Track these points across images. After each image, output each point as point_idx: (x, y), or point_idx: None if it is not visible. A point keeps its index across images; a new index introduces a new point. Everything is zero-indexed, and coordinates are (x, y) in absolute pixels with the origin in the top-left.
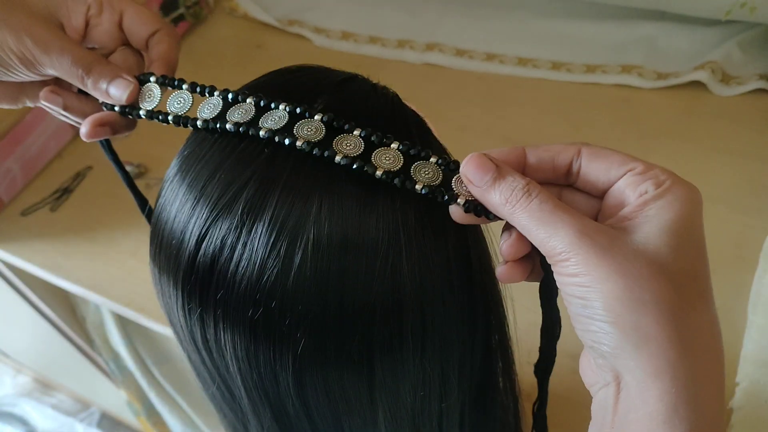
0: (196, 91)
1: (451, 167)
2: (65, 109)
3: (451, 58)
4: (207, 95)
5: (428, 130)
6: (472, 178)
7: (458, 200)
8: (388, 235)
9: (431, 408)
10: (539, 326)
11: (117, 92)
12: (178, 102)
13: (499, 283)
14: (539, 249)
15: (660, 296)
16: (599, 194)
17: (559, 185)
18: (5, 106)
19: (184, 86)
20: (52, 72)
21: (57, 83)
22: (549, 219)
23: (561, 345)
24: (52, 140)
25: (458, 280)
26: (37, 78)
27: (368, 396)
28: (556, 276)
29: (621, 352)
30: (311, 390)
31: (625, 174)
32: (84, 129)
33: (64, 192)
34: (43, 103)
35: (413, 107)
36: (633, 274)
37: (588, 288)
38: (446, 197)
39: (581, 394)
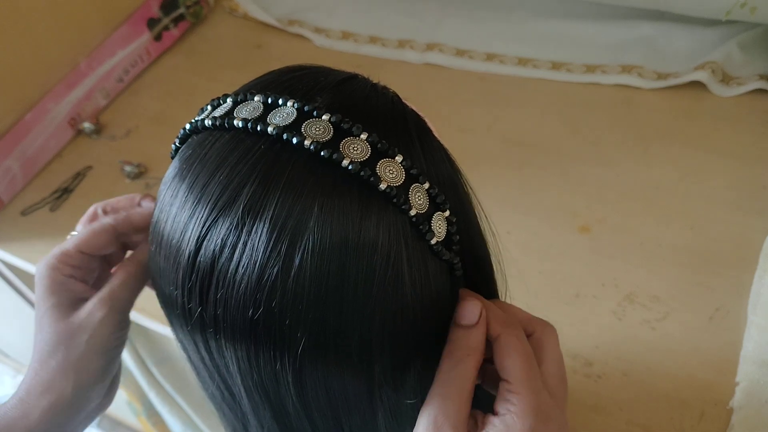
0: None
1: (437, 200)
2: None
3: (452, 58)
4: (222, 103)
5: (428, 130)
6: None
7: (431, 241)
8: (388, 236)
9: None
10: None
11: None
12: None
13: (498, 285)
14: None
15: None
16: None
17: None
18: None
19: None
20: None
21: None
22: (448, 388)
23: (562, 345)
24: (52, 139)
25: (459, 284)
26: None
27: (368, 396)
28: None
29: None
30: (311, 389)
31: (504, 390)
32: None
33: (64, 192)
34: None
35: (413, 107)
36: None
37: None
38: (426, 234)
39: (582, 394)
